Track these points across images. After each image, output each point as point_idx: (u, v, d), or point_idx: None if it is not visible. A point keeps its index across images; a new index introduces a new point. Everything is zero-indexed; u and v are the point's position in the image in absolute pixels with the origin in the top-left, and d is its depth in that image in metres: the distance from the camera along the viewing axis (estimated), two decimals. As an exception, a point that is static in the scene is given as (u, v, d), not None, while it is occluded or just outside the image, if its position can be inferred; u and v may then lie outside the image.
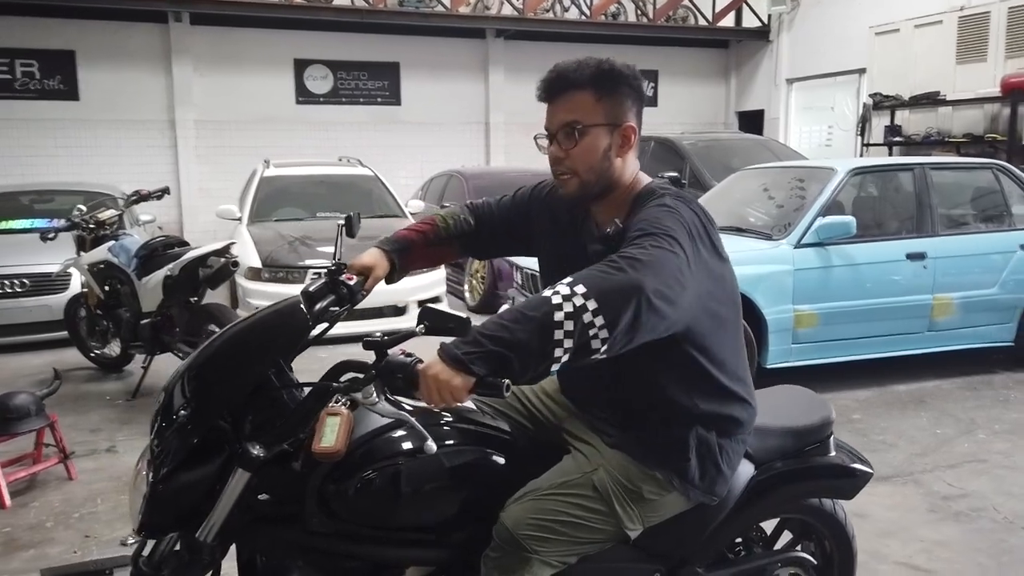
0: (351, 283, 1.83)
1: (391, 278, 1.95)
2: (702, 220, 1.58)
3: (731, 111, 14.00)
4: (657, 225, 1.50)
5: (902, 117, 10.22)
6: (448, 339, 1.37)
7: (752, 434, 1.79)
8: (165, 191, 5.61)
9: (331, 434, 1.50)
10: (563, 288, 1.36)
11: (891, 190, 5.36)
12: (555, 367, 1.35)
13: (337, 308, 1.78)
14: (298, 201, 7.98)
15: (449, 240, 1.99)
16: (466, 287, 7.84)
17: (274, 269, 6.42)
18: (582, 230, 1.78)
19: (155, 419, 1.57)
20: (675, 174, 8.55)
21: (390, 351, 1.41)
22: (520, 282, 5.48)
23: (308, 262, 6.44)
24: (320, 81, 11.81)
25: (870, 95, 10.61)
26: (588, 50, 11.67)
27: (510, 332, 1.31)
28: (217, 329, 4.69)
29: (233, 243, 4.86)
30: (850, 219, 4.71)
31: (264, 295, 6.31)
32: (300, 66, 11.67)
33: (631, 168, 1.70)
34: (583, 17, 12.14)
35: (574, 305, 1.33)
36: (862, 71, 11.24)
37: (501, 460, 1.68)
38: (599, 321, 1.33)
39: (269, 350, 1.59)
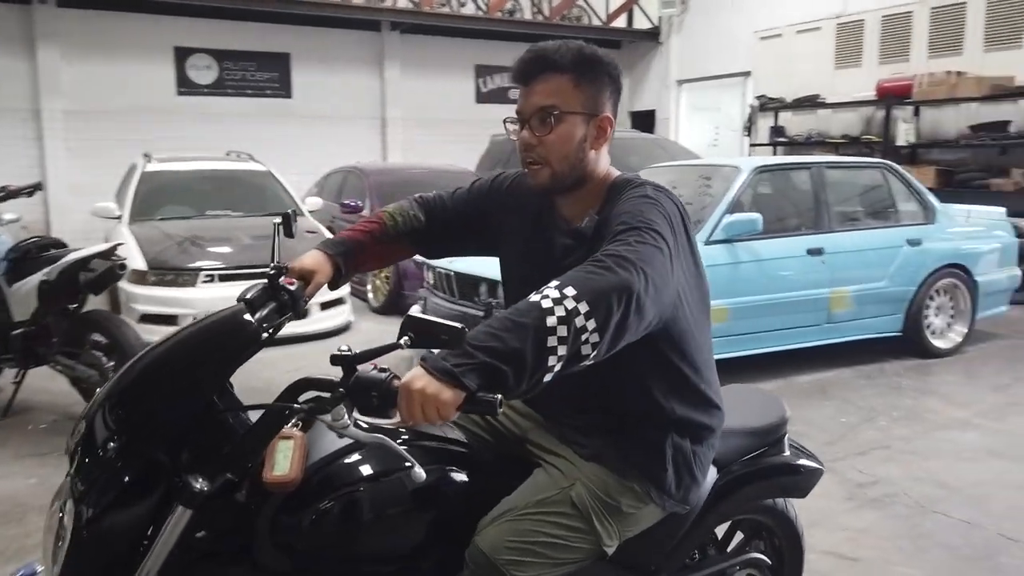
0: (292, 288, 1.64)
1: (335, 283, 1.77)
2: (681, 213, 1.51)
3: (624, 109, 14.28)
4: (641, 218, 1.42)
5: (785, 118, 10.71)
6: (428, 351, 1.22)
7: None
8: (37, 187, 5.09)
9: (284, 461, 1.32)
10: (552, 291, 1.25)
11: (790, 188, 5.56)
12: (548, 377, 1.23)
13: (278, 317, 1.59)
14: (184, 198, 7.47)
15: (398, 237, 1.83)
16: (369, 288, 7.59)
17: (161, 272, 5.97)
18: (548, 224, 1.68)
19: (74, 453, 1.34)
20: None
21: (360, 367, 1.25)
22: (432, 282, 5.31)
23: (200, 263, 6.03)
24: (204, 71, 11.17)
25: (756, 97, 11.05)
26: (485, 47, 11.71)
27: (502, 341, 1.19)
28: (102, 339, 4.29)
29: (121, 244, 4.46)
30: (757, 216, 4.84)
31: (151, 300, 5.88)
32: (181, 54, 10.99)
33: (604, 161, 1.62)
34: (480, 13, 12.05)
35: (566, 309, 1.22)
36: (747, 74, 11.71)
37: (466, 478, 1.55)
38: (591, 325, 1.23)
39: (216, 368, 1.39)
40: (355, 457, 1.44)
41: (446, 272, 4.92)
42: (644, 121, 13.47)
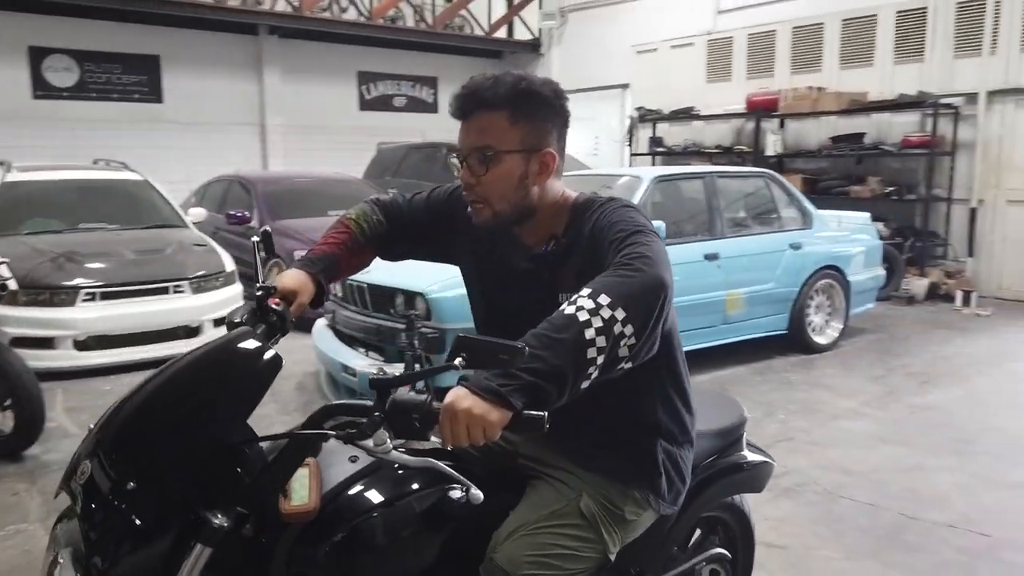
0: (279, 309, 1.57)
1: (317, 301, 1.70)
2: (649, 220, 1.55)
3: (507, 119, 14.45)
4: (635, 224, 1.45)
5: (663, 129, 11.20)
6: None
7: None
8: None
9: (302, 490, 1.27)
10: (586, 302, 1.25)
11: (686, 197, 5.83)
12: (584, 386, 1.25)
13: (268, 339, 1.52)
14: (52, 211, 6.89)
15: (366, 243, 1.78)
16: (262, 301, 7.28)
17: (35, 291, 5.48)
18: (507, 248, 1.66)
19: (77, 496, 1.22)
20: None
21: (398, 389, 1.20)
22: (340, 294, 5.17)
23: (78, 281, 5.60)
24: (63, 73, 10.36)
25: (635, 108, 11.50)
26: (368, 53, 11.54)
27: (543, 361, 1.18)
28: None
29: (5, 261, 4.06)
30: (660, 224, 5.03)
31: (23, 322, 5.39)
32: (37, 55, 10.15)
33: (553, 191, 1.58)
34: (362, 19, 11.86)
35: (603, 318, 1.23)
36: (626, 86, 12.17)
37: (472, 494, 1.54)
38: (628, 330, 1.25)
39: (240, 405, 1.29)
40: (368, 482, 1.40)
41: (358, 284, 4.80)
42: (527, 130, 13.67)
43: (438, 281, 4.30)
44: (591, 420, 1.60)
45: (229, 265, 6.31)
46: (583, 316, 1.24)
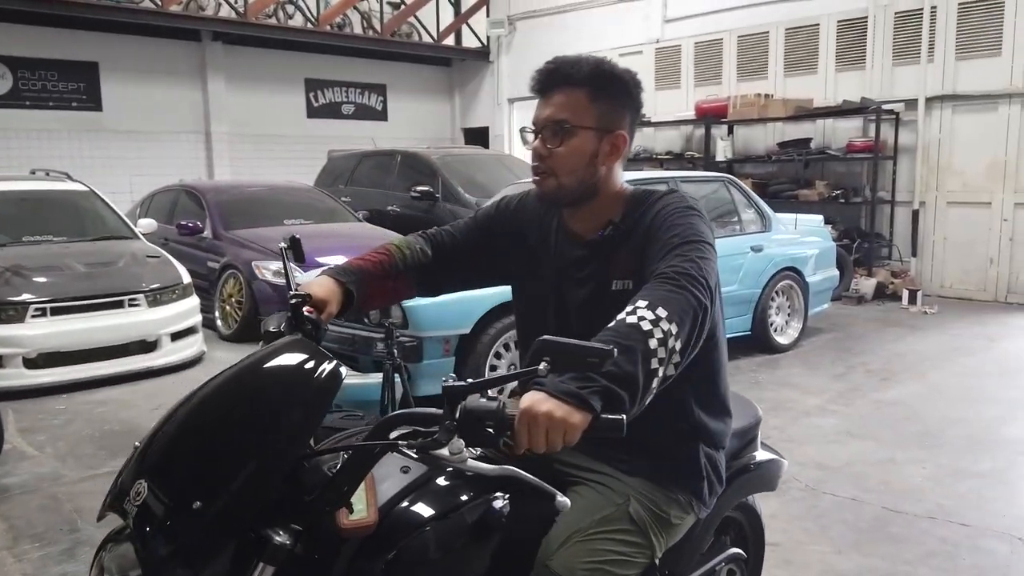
0: (314, 317, 1.52)
1: (342, 312, 1.65)
2: (704, 212, 1.58)
3: (457, 127, 14.44)
4: (692, 231, 1.46)
5: (615, 136, 11.30)
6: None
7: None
8: None
9: (360, 503, 1.22)
10: (646, 312, 1.25)
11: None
12: (648, 400, 1.23)
13: None
14: (-8, 223, 6.60)
15: (405, 272, 1.74)
16: (217, 314, 7.08)
17: (-21, 307, 5.22)
18: (558, 239, 1.68)
19: (131, 518, 1.14)
20: (427, 188, 8.62)
21: (468, 396, 1.16)
22: (307, 305, 5.05)
23: (27, 296, 5.35)
24: (-5, 80, 9.91)
25: (588, 115, 11.59)
26: (316, 60, 11.39)
27: (617, 365, 1.17)
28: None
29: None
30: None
31: (-33, 339, 5.12)
32: (-34, 61, 9.69)
33: (616, 178, 1.63)
34: (309, 26, 11.67)
35: (663, 331, 1.23)
36: (577, 93, 12.25)
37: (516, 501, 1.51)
38: (678, 345, 1.25)
39: (309, 420, 1.22)
40: (421, 493, 1.35)
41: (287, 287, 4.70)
42: (478, 138, 13.68)
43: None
44: (632, 423, 1.59)
45: (185, 277, 6.12)
46: (646, 326, 1.23)
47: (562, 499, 1.14)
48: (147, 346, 5.69)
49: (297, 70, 12.42)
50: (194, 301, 6.13)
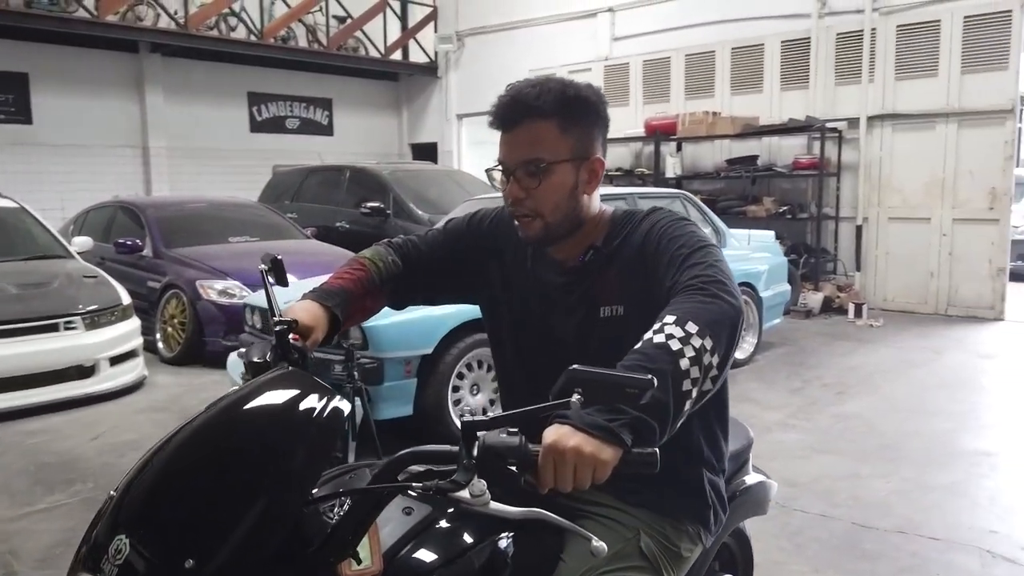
0: (300, 345, 1.39)
1: (329, 338, 1.52)
2: None
3: (405, 142, 14.29)
4: (698, 239, 1.40)
5: (564, 152, 11.34)
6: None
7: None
8: None
9: (363, 550, 1.10)
10: (674, 329, 1.16)
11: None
12: (680, 422, 1.15)
13: None
14: (-89, 242, 6.20)
15: (382, 286, 1.64)
16: (158, 336, 6.76)
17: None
18: (538, 265, 1.59)
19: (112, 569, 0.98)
20: (378, 204, 8.46)
21: (485, 432, 1.05)
22: (257, 325, 4.85)
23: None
24: (-86, 90, 9.38)
25: (537, 131, 11.60)
26: (259, 73, 11.13)
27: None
28: None
29: None
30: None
31: None
32: None
33: (596, 201, 1.54)
34: (253, 38, 11.40)
35: (694, 348, 1.15)
36: (526, 109, 12.26)
37: (519, 541, 1.40)
38: (715, 360, 1.17)
39: (317, 457, 1.09)
40: (425, 537, 1.23)
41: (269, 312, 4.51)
42: (427, 153, 13.56)
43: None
44: None
45: (125, 298, 5.82)
46: (675, 345, 1.15)
47: (598, 544, 1.04)
48: (84, 371, 5.38)
49: (240, 83, 12.12)
50: (134, 323, 5.83)
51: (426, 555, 1.23)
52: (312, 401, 1.12)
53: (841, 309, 8.57)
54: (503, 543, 1.38)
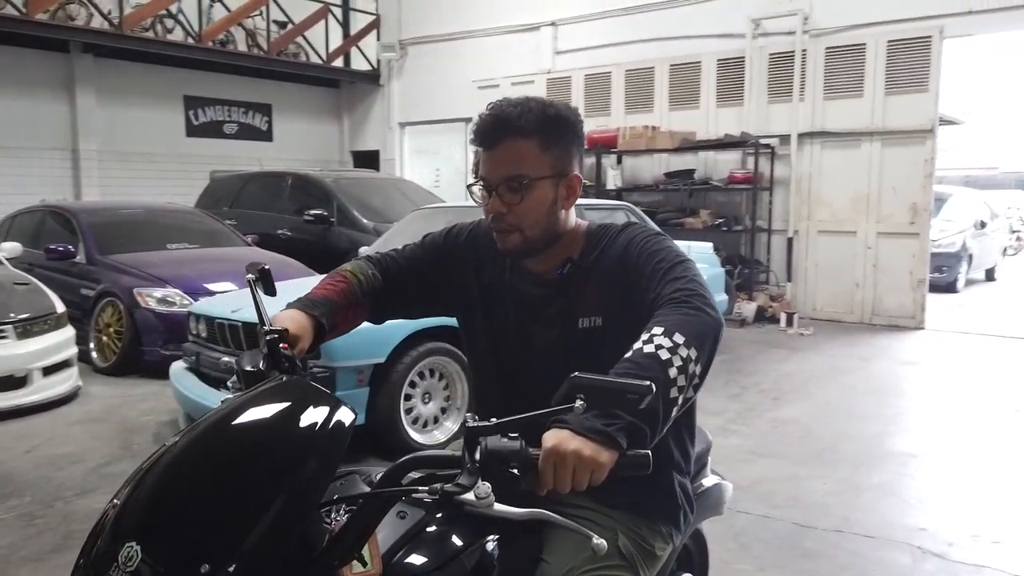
0: (290, 354, 1.41)
1: (313, 348, 1.55)
2: None
3: (346, 149, 14.17)
4: (676, 254, 1.48)
5: (507, 162, 11.44)
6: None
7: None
8: None
9: (365, 554, 1.14)
10: (663, 340, 1.24)
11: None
12: (666, 428, 1.22)
13: None
14: None
15: (363, 298, 1.67)
16: (92, 346, 6.55)
17: None
18: (515, 278, 1.65)
19: None
20: (322, 212, 8.39)
21: (488, 437, 1.10)
22: (202, 335, 4.76)
23: None
24: None
25: (480, 141, 11.68)
26: (196, 77, 10.94)
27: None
28: None
29: None
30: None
31: None
32: None
33: (573, 215, 1.61)
34: (190, 41, 11.16)
35: (681, 357, 1.22)
36: (468, 120, 12.32)
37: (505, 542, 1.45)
38: (699, 369, 1.26)
39: (328, 466, 1.11)
40: (420, 540, 1.27)
41: (231, 322, 4.45)
42: (368, 161, 13.48)
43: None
44: None
45: (59, 306, 5.64)
46: (664, 355, 1.22)
47: (599, 541, 1.10)
48: (16, 382, 5.18)
49: (176, 86, 11.84)
50: (69, 332, 5.65)
51: (423, 558, 1.27)
52: (321, 409, 1.15)
53: (773, 318, 8.89)
54: (491, 545, 1.43)
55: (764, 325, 8.82)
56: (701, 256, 7.13)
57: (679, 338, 1.25)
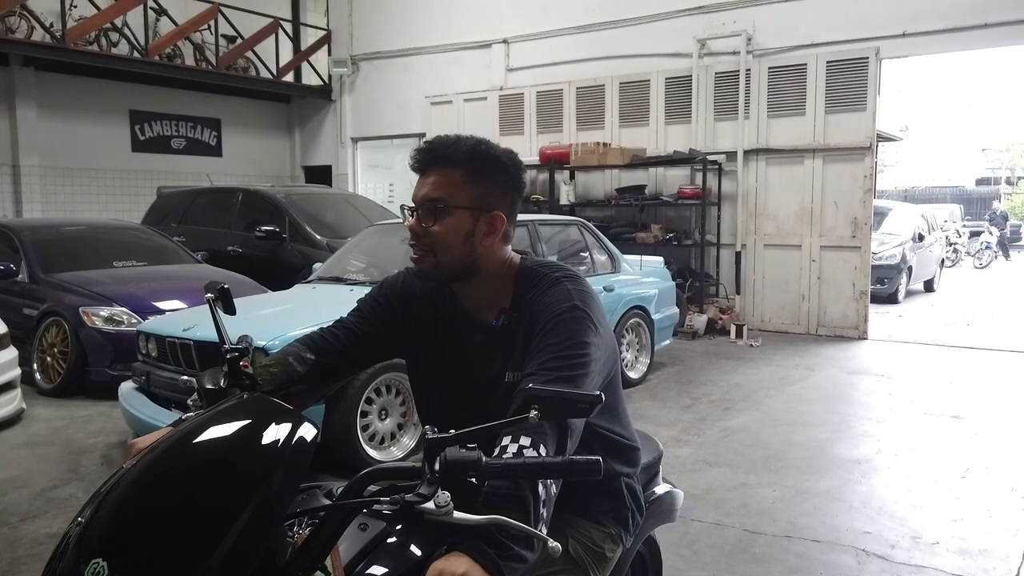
0: (250, 371, 1.43)
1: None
2: (592, 295, 1.58)
3: (297, 165, 14.06)
4: (573, 338, 1.45)
5: (460, 178, 11.49)
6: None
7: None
8: None
9: (327, 566, 1.16)
10: (531, 453, 1.27)
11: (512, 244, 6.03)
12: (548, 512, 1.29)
13: None
14: None
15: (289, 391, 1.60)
16: (36, 367, 6.37)
17: None
18: (456, 319, 1.67)
19: None
20: (273, 228, 8.31)
21: (448, 448, 1.13)
22: (153, 354, 4.67)
23: None
24: None
25: (433, 157, 11.71)
26: (142, 91, 10.81)
27: (516, 527, 1.16)
28: None
29: None
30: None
31: None
32: None
33: (499, 255, 1.61)
34: (136, 54, 10.97)
35: (544, 484, 1.27)
36: (422, 135, 12.35)
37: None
38: (554, 490, 1.31)
39: (292, 480, 1.12)
40: (382, 551, 1.29)
41: (182, 341, 4.39)
42: (320, 176, 13.39)
43: (280, 334, 4.06)
44: None
45: (1, 327, 5.47)
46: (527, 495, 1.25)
47: (553, 544, 1.14)
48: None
49: (121, 101, 11.62)
50: (11, 353, 5.49)
51: (382, 568, 1.29)
52: (283, 425, 1.17)
53: (723, 330, 9.09)
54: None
55: (715, 337, 9.01)
56: (653, 270, 7.27)
57: (543, 450, 1.28)
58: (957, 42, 8.50)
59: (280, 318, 4.57)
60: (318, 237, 8.17)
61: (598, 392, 1.13)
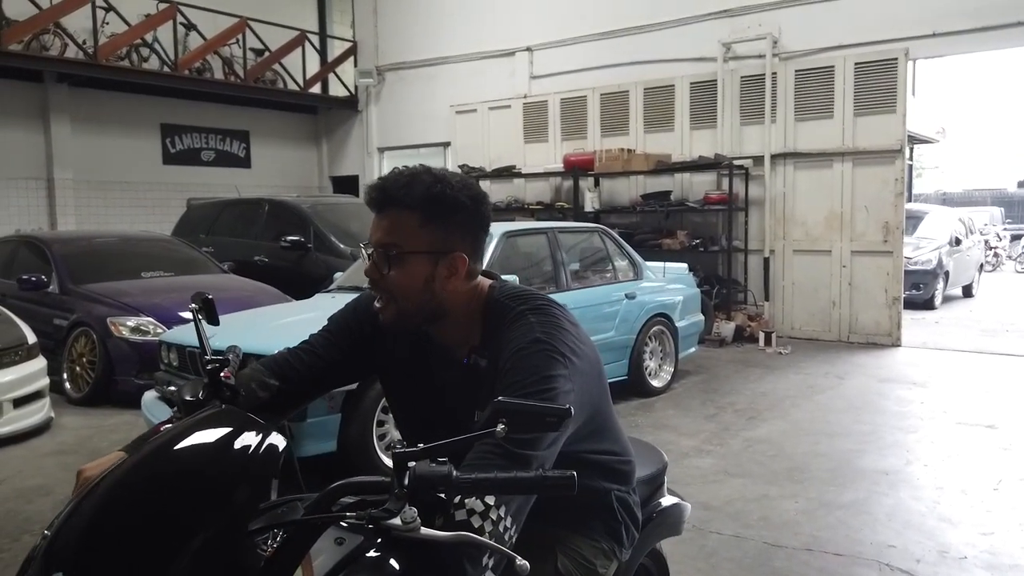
0: (232, 383, 1.42)
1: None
2: (568, 321, 1.50)
3: (325, 175, 14.20)
4: (542, 381, 1.37)
5: (485, 186, 11.50)
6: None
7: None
8: None
9: None
10: (475, 504, 1.22)
11: (532, 250, 6.01)
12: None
13: None
14: None
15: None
16: (66, 376, 6.48)
17: None
18: (427, 352, 1.61)
19: None
20: (299, 238, 8.39)
21: (417, 462, 1.10)
22: (176, 363, 4.72)
23: None
24: None
25: (459, 166, 11.74)
26: (173, 105, 10.95)
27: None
28: None
29: None
30: (513, 278, 5.15)
31: None
32: None
33: (465, 292, 1.53)
34: (166, 69, 11.18)
35: (492, 520, 1.23)
36: (447, 144, 12.42)
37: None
38: (508, 521, 1.26)
39: (259, 492, 1.11)
40: (359, 567, 1.27)
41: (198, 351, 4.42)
42: (347, 186, 13.50)
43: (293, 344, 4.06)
44: None
45: (30, 337, 5.58)
46: (476, 521, 1.22)
47: (521, 562, 1.10)
48: (-21, 415, 5.12)
49: (152, 115, 11.85)
50: (40, 363, 5.59)
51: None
52: (248, 437, 1.15)
53: (752, 337, 8.94)
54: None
55: (743, 345, 8.87)
56: (677, 276, 7.18)
57: (503, 511, 1.24)
58: (987, 41, 8.31)
59: (299, 328, 4.58)
60: (342, 247, 8.22)
61: (567, 405, 1.09)
